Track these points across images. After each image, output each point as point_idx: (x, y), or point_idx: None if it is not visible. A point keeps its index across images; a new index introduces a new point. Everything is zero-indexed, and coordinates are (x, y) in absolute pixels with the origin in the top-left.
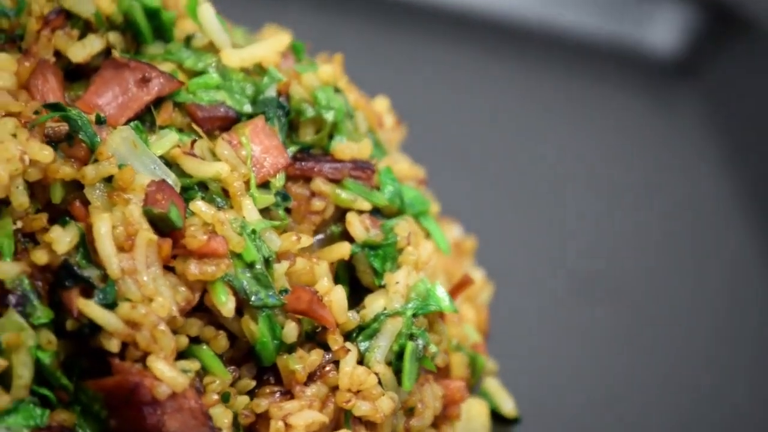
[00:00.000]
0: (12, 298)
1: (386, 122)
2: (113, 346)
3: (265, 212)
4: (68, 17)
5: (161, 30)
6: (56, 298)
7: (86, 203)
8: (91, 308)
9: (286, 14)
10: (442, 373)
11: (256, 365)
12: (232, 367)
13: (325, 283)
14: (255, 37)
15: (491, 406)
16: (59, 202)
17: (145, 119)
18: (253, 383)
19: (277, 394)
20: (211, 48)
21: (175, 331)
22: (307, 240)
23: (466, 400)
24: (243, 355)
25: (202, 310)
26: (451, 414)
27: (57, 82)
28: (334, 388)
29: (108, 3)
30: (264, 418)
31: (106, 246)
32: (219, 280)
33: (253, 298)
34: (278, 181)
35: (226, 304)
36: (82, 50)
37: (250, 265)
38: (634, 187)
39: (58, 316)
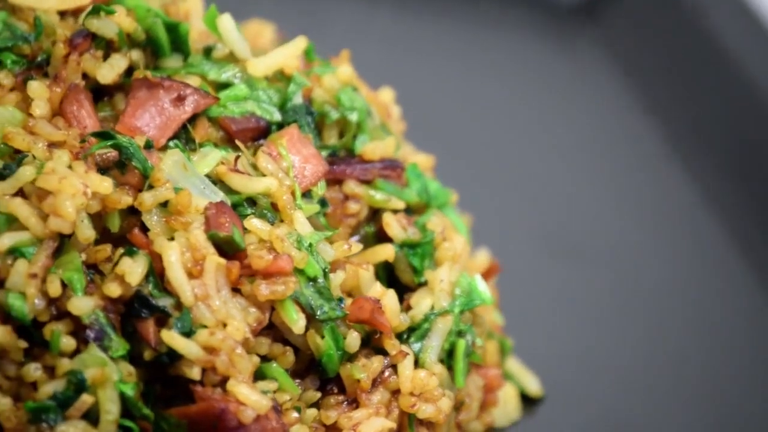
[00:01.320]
0: (90, 333)
1: (393, 113)
2: (195, 374)
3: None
4: (92, 39)
5: (178, 42)
6: (129, 328)
7: (144, 230)
8: (174, 338)
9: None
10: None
11: (319, 376)
12: (297, 380)
13: (378, 288)
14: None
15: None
16: (117, 231)
17: (180, 136)
18: (319, 395)
19: (344, 404)
20: (231, 58)
21: (247, 352)
22: (357, 247)
23: (503, 386)
24: (305, 367)
25: (266, 327)
26: (489, 402)
27: (90, 106)
28: (395, 392)
29: (129, 21)
30: (333, 429)
31: (178, 274)
32: (288, 298)
33: (318, 312)
34: (320, 189)
35: (297, 321)
36: (110, 71)
37: (313, 280)
38: (541, 127)
39: (133, 347)
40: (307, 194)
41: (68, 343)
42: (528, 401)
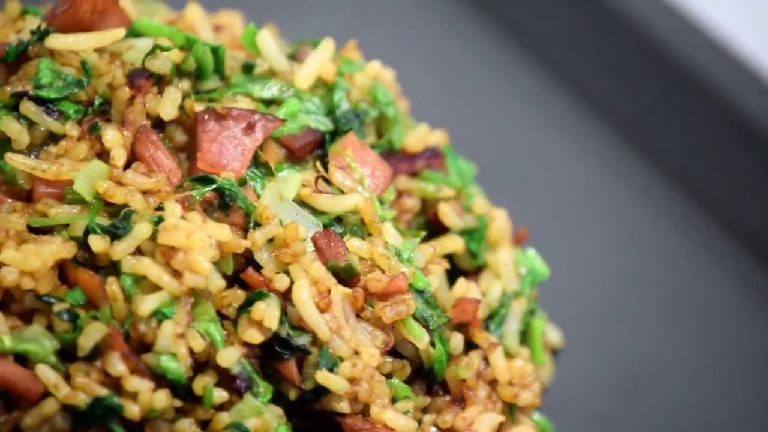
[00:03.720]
0: (241, 383)
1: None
2: (345, 407)
3: None
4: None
5: (217, 63)
6: (268, 370)
7: (257, 268)
8: (328, 378)
9: None
10: None
11: (425, 381)
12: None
13: (462, 285)
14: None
15: None
16: (231, 273)
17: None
18: (428, 400)
19: (454, 405)
20: (270, 73)
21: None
22: (441, 248)
23: None
24: (412, 374)
25: None
26: None
27: (162, 146)
28: (491, 383)
29: (177, 53)
30: (449, 431)
31: (312, 311)
32: (409, 316)
33: (431, 323)
34: (390, 194)
35: (422, 337)
36: (171, 107)
37: (422, 292)
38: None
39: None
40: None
41: (220, 395)
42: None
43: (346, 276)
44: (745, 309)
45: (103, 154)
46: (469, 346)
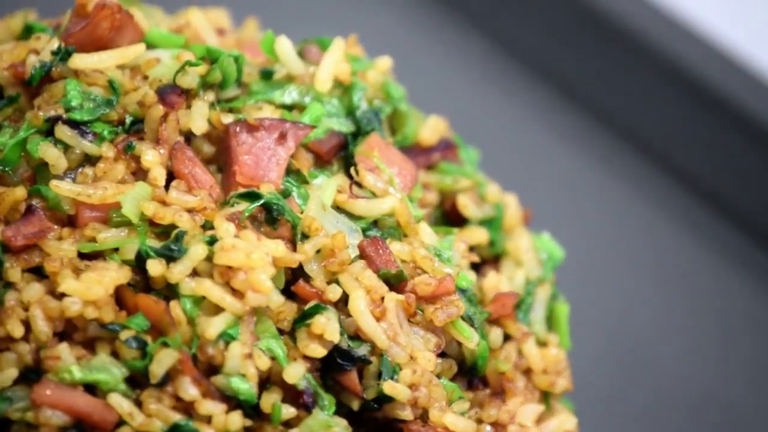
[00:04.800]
0: (307, 398)
1: None
2: (408, 414)
3: None
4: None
5: (237, 72)
6: (329, 382)
7: (306, 279)
8: (394, 387)
9: None
10: None
11: (467, 377)
12: None
13: (493, 278)
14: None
15: None
16: (283, 287)
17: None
18: (471, 395)
19: (496, 398)
20: (288, 78)
21: None
22: (468, 241)
23: None
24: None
25: None
26: None
27: (199, 161)
28: (525, 372)
29: (204, 67)
30: (495, 425)
31: (369, 321)
32: (458, 317)
33: (475, 321)
34: (417, 192)
35: (472, 337)
36: (202, 121)
37: (465, 290)
38: None
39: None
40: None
41: (288, 412)
42: None
43: (395, 282)
44: (737, 280)
45: (138, 173)
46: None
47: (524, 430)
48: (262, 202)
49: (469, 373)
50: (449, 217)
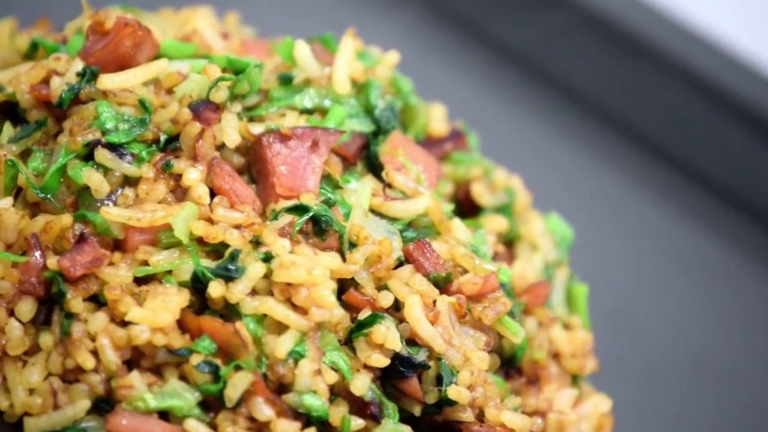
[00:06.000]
0: (374, 409)
1: None
2: (469, 416)
3: None
4: None
5: None
6: (389, 389)
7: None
8: (460, 392)
9: None
10: None
11: (504, 368)
12: None
13: (520, 265)
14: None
15: None
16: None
17: None
18: (509, 385)
19: (532, 386)
20: (305, 81)
21: None
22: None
23: None
24: None
25: None
26: None
27: (238, 176)
28: (554, 357)
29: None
30: (534, 413)
31: (426, 326)
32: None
33: (516, 314)
34: (443, 187)
35: (519, 333)
36: (235, 134)
37: (504, 284)
38: None
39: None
40: None
41: (356, 424)
42: None
43: (443, 284)
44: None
45: (177, 191)
46: None
47: (563, 417)
48: (311, 214)
49: (507, 365)
50: (463, 206)
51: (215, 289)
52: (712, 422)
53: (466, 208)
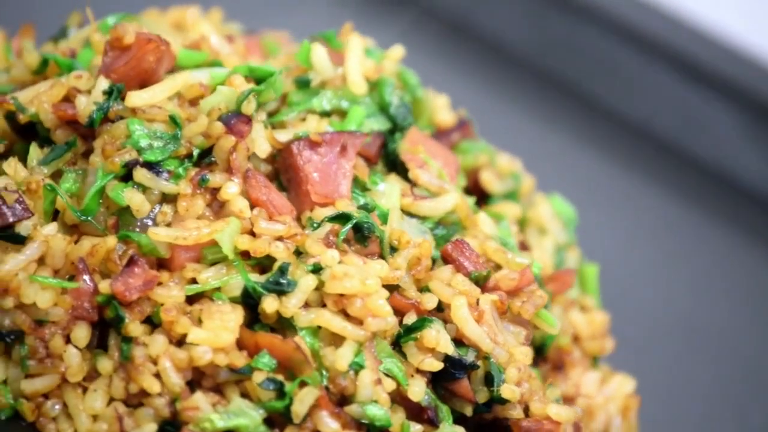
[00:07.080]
0: (431, 413)
1: None
2: (519, 413)
3: None
4: None
5: None
6: (440, 391)
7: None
8: (513, 391)
9: None
10: None
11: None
12: None
13: (537, 254)
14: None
15: None
16: None
17: None
18: (538, 372)
19: (557, 372)
20: (321, 84)
21: None
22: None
23: None
24: None
25: None
26: None
27: (273, 186)
28: (574, 340)
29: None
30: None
31: (473, 327)
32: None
33: (547, 304)
34: (461, 180)
35: (555, 324)
36: (265, 144)
37: (536, 276)
38: None
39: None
40: None
41: (415, 429)
42: None
43: (481, 281)
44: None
45: (213, 205)
46: None
47: (591, 400)
48: (354, 222)
49: (535, 353)
50: (471, 194)
51: (270, 304)
52: (711, 387)
53: (475, 195)
